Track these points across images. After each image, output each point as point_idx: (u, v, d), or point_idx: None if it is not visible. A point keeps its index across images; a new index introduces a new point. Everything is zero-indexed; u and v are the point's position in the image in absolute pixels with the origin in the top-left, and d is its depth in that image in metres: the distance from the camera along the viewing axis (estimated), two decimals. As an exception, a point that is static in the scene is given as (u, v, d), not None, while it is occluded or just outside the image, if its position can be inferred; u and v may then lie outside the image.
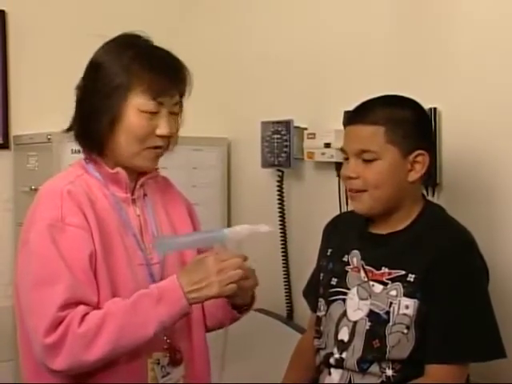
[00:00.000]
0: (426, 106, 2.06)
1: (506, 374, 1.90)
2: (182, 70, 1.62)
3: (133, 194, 1.65)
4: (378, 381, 1.65)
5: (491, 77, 1.98)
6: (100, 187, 1.60)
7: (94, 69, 1.60)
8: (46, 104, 2.88)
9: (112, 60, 1.58)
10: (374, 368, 1.65)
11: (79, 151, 1.71)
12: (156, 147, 1.60)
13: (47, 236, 1.50)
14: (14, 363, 2.93)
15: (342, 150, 1.76)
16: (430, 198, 2.05)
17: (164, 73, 1.58)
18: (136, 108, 1.56)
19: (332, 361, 1.72)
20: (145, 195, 1.68)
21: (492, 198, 1.99)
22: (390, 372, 1.64)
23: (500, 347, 1.64)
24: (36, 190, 2.71)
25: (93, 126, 1.57)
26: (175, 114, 1.62)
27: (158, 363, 1.61)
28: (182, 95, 1.63)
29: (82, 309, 1.48)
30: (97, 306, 1.51)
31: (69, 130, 1.65)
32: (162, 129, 1.59)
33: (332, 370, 1.73)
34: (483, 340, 1.63)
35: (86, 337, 1.46)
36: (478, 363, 1.68)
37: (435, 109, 2.08)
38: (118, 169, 1.61)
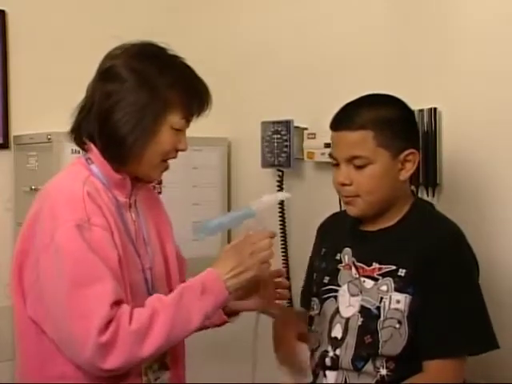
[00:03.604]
0: (426, 106, 2.07)
1: (505, 374, 1.90)
2: (209, 91, 1.66)
3: (129, 199, 1.66)
4: (373, 381, 1.65)
5: (491, 77, 1.98)
6: (105, 190, 1.60)
7: (125, 86, 1.57)
8: (46, 104, 2.87)
9: (146, 82, 1.57)
10: (369, 367, 1.66)
11: (79, 151, 1.71)
12: (169, 159, 1.65)
13: (78, 236, 1.47)
14: (14, 363, 2.93)
15: (330, 156, 1.76)
16: (429, 198, 2.06)
17: (197, 95, 1.63)
18: (170, 126, 1.60)
19: (327, 361, 1.72)
20: (135, 201, 1.69)
21: (492, 198, 1.99)
22: (384, 371, 1.65)
23: (494, 338, 1.65)
24: (36, 189, 2.71)
25: (127, 142, 1.56)
26: None
27: (151, 367, 1.63)
28: None
29: (127, 307, 1.48)
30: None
31: (75, 131, 1.64)
32: (183, 144, 1.65)
33: (327, 372, 1.72)
34: (479, 332, 1.64)
35: (138, 333, 1.46)
36: (478, 363, 1.68)
37: (435, 109, 2.08)
38: (125, 175, 1.62)
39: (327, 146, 2.41)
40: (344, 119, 1.70)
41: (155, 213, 1.76)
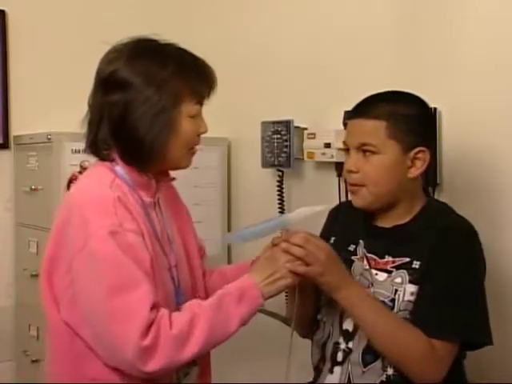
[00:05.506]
0: (426, 105, 2.07)
1: (506, 374, 1.90)
2: (209, 66, 1.67)
3: (154, 198, 1.67)
4: (378, 380, 1.64)
5: (491, 77, 1.98)
6: (131, 191, 1.59)
7: (132, 89, 1.56)
8: (46, 104, 2.88)
9: (152, 79, 1.56)
10: (377, 364, 1.64)
11: (79, 151, 1.71)
12: (195, 145, 1.66)
13: (112, 242, 1.47)
14: (14, 363, 2.93)
15: (344, 143, 1.76)
16: (430, 197, 2.05)
17: (202, 77, 1.64)
18: (187, 115, 1.60)
19: (339, 356, 1.70)
20: (158, 199, 1.70)
21: (492, 198, 1.99)
22: (390, 371, 1.63)
23: (488, 333, 1.61)
24: (36, 189, 2.72)
25: (145, 143, 1.56)
26: None
27: None
28: None
29: (166, 310, 1.50)
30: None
31: (92, 146, 1.63)
32: (204, 127, 1.65)
33: (336, 368, 1.71)
34: (472, 322, 1.60)
35: (179, 338, 1.48)
36: (479, 363, 1.68)
37: (435, 109, 2.08)
38: (149, 175, 1.62)
39: (327, 146, 2.42)
40: (360, 109, 1.72)
41: (176, 209, 1.77)
